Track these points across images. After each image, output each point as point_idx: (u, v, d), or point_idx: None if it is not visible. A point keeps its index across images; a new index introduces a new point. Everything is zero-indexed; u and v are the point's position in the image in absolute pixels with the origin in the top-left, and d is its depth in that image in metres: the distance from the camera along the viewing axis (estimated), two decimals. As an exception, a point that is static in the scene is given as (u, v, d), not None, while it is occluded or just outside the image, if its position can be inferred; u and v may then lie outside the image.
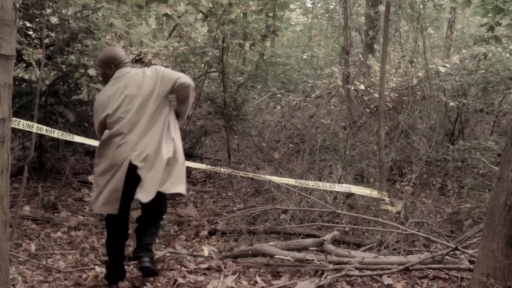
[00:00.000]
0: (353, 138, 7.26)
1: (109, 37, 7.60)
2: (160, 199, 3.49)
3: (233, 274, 4.03)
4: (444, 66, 7.90)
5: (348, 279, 3.86)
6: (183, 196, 5.41)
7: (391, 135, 7.30)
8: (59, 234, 4.95)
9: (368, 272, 3.88)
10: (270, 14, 6.36)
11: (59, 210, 5.70)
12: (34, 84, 6.56)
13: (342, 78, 8.18)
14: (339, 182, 5.95)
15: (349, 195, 5.80)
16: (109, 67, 3.60)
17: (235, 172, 5.88)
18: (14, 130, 5.10)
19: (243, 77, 8.08)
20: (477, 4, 5.22)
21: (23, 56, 6.21)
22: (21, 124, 4.53)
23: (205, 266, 4.15)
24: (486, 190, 5.79)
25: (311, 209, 5.41)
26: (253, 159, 7.30)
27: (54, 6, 6.59)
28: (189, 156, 6.67)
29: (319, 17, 12.16)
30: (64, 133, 5.03)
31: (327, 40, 12.08)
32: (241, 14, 6.51)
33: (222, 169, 5.86)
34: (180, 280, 3.88)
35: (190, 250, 4.48)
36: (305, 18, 13.87)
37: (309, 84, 9.27)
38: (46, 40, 6.63)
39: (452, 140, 7.64)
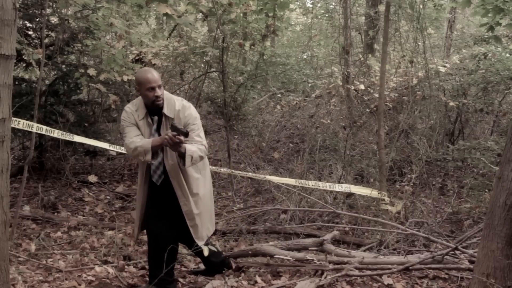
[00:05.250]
0: (353, 138, 7.26)
1: (109, 37, 7.61)
2: None
3: (234, 273, 4.03)
4: (444, 66, 7.89)
5: (348, 279, 3.86)
6: None
7: (391, 135, 7.30)
8: (59, 234, 4.95)
9: (368, 272, 3.88)
10: (270, 14, 6.35)
11: (59, 210, 5.70)
12: (34, 84, 6.56)
13: (342, 78, 8.17)
14: (339, 182, 5.95)
15: (349, 195, 5.80)
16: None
17: (235, 172, 5.88)
18: (14, 130, 5.10)
19: (243, 77, 8.08)
20: (477, 4, 5.22)
21: (23, 56, 6.21)
22: (21, 124, 4.53)
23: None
24: (486, 190, 5.79)
25: (311, 209, 5.41)
26: (253, 159, 7.30)
27: (54, 6, 6.58)
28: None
29: (319, 17, 12.16)
30: (64, 133, 5.03)
31: (327, 40, 12.09)
32: (241, 14, 6.50)
33: (222, 169, 5.86)
34: (180, 280, 3.89)
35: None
36: (305, 18, 13.86)
37: (309, 84, 9.27)
38: (46, 40, 6.63)
39: (452, 140, 7.64)
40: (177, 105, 3.50)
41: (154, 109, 3.49)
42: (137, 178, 3.79)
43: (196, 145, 3.44)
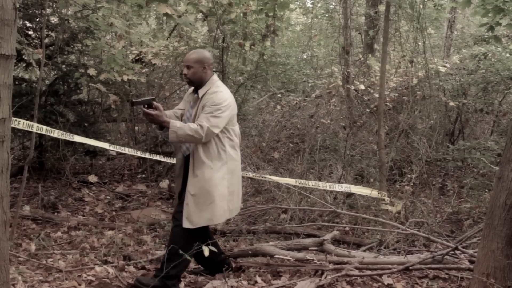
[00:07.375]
0: (353, 138, 7.26)
1: (109, 37, 7.61)
2: None
3: (234, 273, 4.03)
4: (444, 66, 7.89)
5: (348, 279, 3.86)
6: None
7: (391, 135, 7.29)
8: (59, 234, 4.95)
9: (368, 272, 3.88)
10: (270, 14, 6.35)
11: (59, 210, 5.70)
12: (34, 84, 6.56)
13: (342, 78, 8.17)
14: (339, 182, 5.95)
15: (349, 195, 5.80)
16: (204, 67, 3.68)
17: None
18: (14, 130, 5.10)
19: (243, 77, 8.08)
20: (477, 4, 5.22)
21: (23, 56, 6.21)
22: (21, 124, 4.53)
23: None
24: (486, 190, 5.80)
25: (311, 209, 5.41)
26: (253, 159, 7.29)
27: (54, 6, 6.59)
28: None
29: (319, 17, 12.16)
30: (64, 133, 5.03)
31: (327, 40, 12.08)
32: (241, 14, 6.50)
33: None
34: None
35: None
36: (305, 18, 13.86)
37: (309, 84, 9.26)
38: (46, 40, 6.63)
39: (452, 140, 7.64)
40: (212, 89, 3.64)
41: (196, 87, 3.71)
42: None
43: (190, 124, 3.51)
